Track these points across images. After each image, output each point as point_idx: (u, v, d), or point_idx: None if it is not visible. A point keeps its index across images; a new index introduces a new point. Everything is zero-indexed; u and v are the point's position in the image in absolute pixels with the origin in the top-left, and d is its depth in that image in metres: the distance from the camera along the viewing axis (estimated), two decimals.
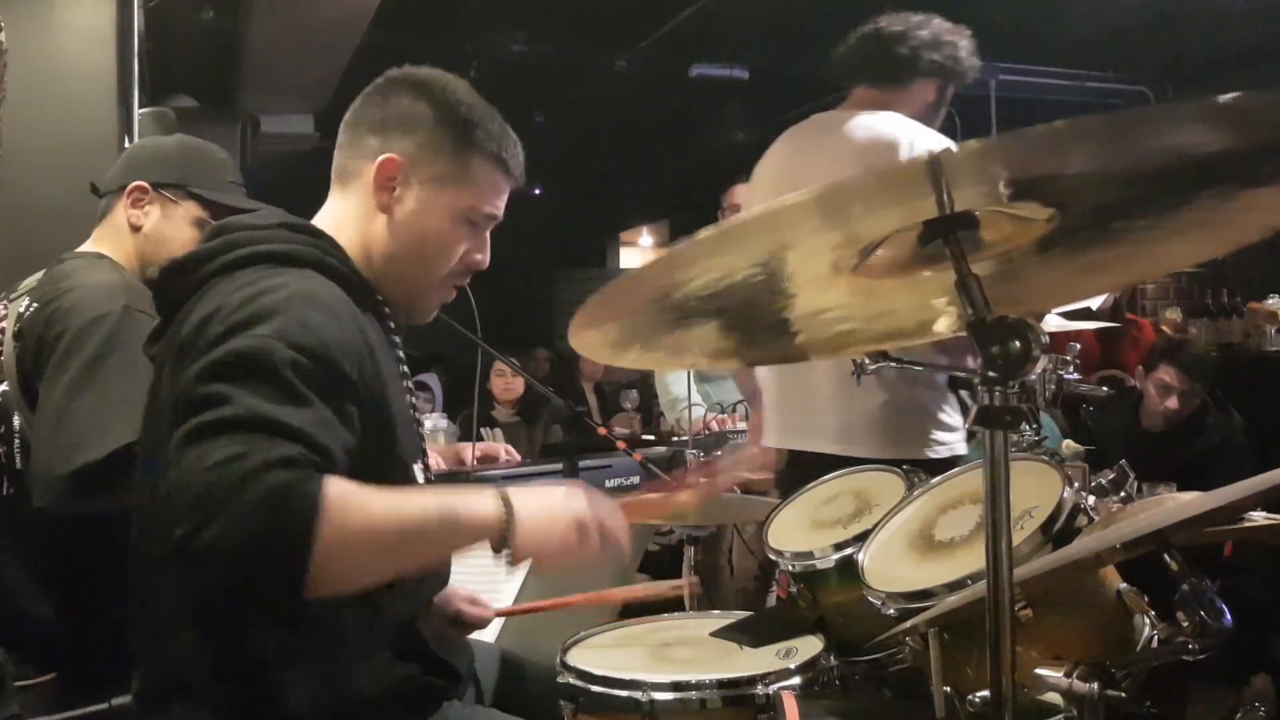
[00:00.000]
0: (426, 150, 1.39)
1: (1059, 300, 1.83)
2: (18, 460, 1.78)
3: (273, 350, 1.12)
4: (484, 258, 1.46)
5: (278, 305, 1.17)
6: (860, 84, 2.47)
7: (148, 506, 1.25)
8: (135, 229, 1.93)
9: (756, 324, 1.20)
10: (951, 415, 2.40)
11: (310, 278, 1.27)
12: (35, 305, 1.80)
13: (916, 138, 2.29)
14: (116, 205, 1.95)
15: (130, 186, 1.93)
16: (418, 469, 1.39)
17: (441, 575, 1.51)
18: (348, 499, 1.07)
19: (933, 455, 2.32)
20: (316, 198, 1.49)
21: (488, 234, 1.47)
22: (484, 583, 2.05)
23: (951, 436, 2.38)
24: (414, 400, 1.47)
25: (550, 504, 1.24)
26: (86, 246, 1.95)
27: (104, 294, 1.76)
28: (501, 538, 1.19)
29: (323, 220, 1.43)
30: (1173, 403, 3.56)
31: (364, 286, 1.37)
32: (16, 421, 1.79)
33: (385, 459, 1.29)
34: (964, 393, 2.29)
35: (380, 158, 1.38)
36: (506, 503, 1.20)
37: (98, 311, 1.72)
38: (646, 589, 1.80)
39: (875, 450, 2.30)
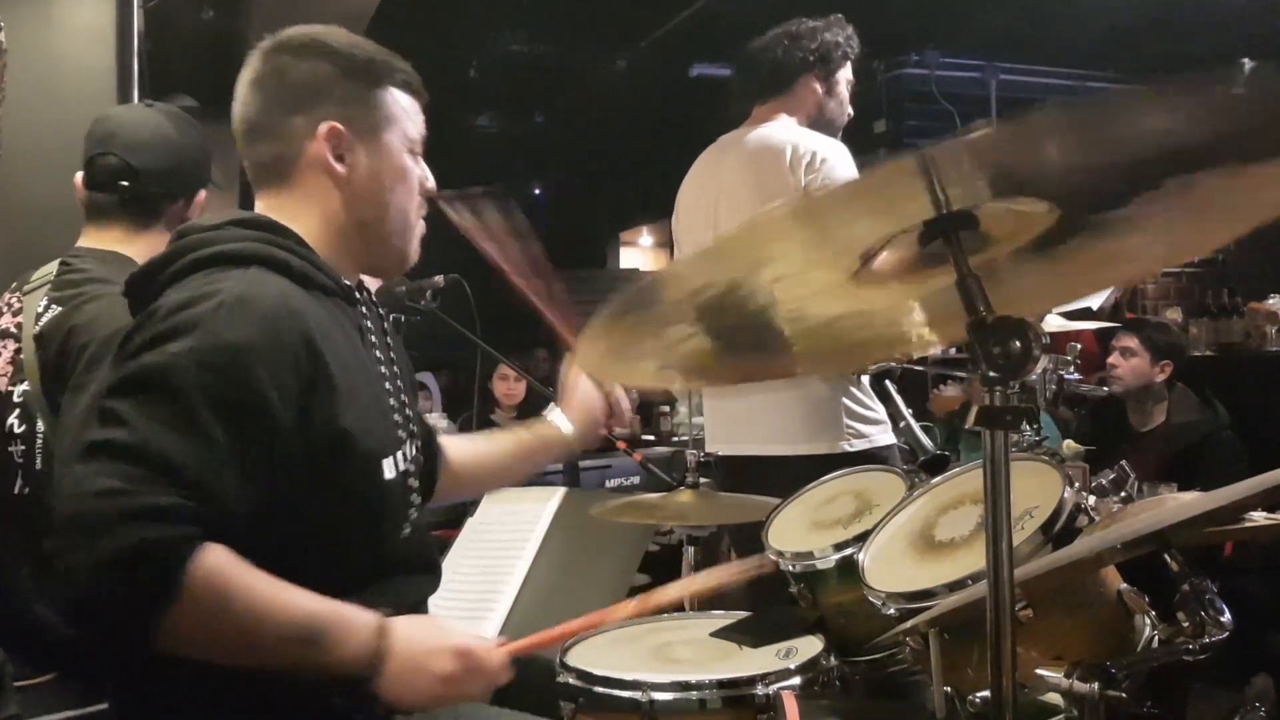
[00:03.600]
0: (351, 105, 1.37)
1: (1069, 294, 1.84)
2: (38, 461, 1.78)
3: (180, 370, 1.12)
4: (431, 181, 1.46)
5: (201, 317, 1.16)
6: (755, 103, 2.65)
7: None
8: None
9: (759, 339, 1.20)
10: (869, 407, 2.45)
11: (253, 277, 1.23)
12: (56, 309, 1.79)
13: (800, 141, 2.46)
14: (170, 209, 1.91)
15: (203, 198, 1.93)
16: (388, 463, 1.32)
17: (434, 579, 1.50)
18: (214, 580, 1.08)
19: (848, 448, 2.40)
20: None
21: (421, 157, 1.45)
22: (476, 596, 2.05)
23: (870, 428, 2.45)
24: (399, 385, 1.42)
25: (426, 654, 1.21)
26: (105, 244, 1.89)
27: (125, 305, 1.74)
28: (364, 680, 1.17)
29: (272, 216, 1.37)
30: (1137, 363, 3.57)
31: (322, 273, 1.33)
32: (39, 423, 1.78)
33: (340, 459, 1.25)
34: (889, 382, 2.33)
35: (322, 128, 1.35)
36: (380, 651, 1.18)
37: (119, 325, 1.70)
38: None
39: (793, 447, 2.42)
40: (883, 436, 2.46)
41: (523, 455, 1.78)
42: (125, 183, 1.88)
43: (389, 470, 1.32)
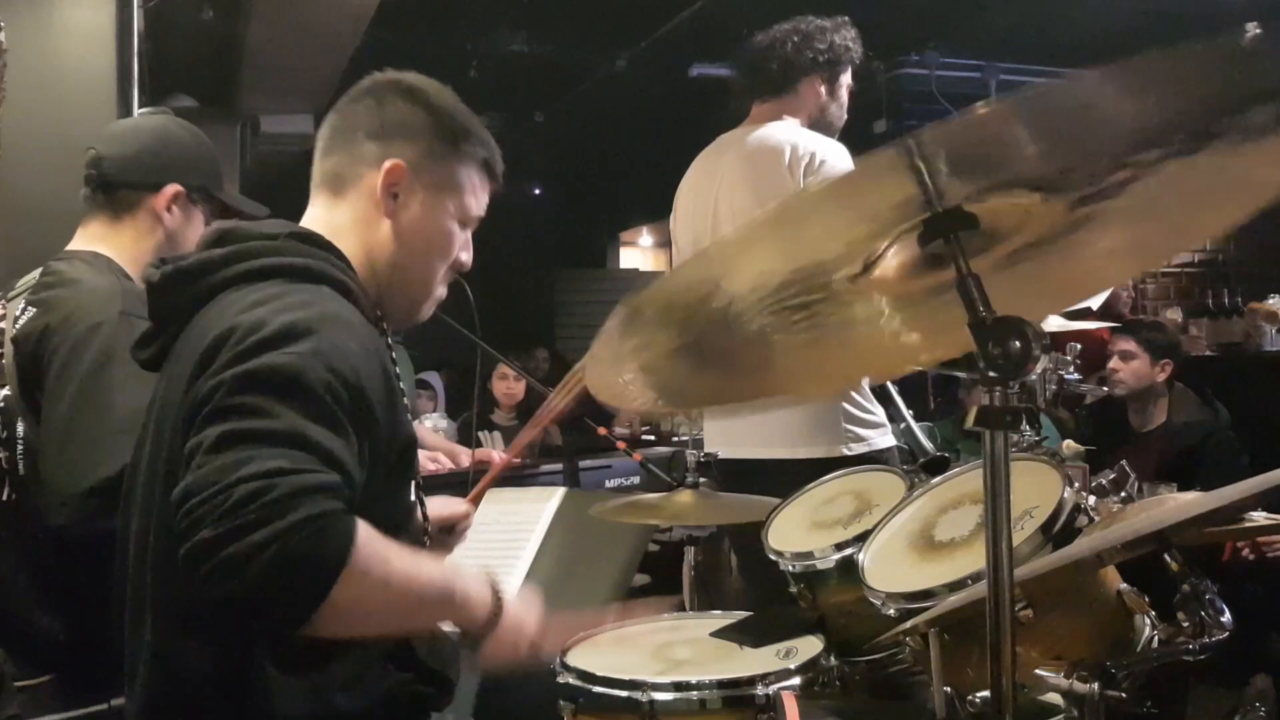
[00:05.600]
0: (427, 157, 1.40)
1: (1089, 290, 1.81)
2: (20, 466, 1.77)
3: (311, 369, 1.12)
4: (469, 257, 1.48)
5: (311, 323, 1.17)
6: (755, 100, 2.62)
7: (150, 524, 1.25)
8: (167, 231, 1.88)
9: (750, 358, 1.20)
10: (868, 410, 2.44)
11: (329, 296, 1.26)
12: (31, 310, 1.78)
13: (799, 141, 2.44)
14: (145, 203, 1.87)
15: (172, 191, 1.88)
16: (413, 486, 1.40)
17: None
18: (375, 547, 1.09)
19: (848, 452, 2.39)
20: None
21: (469, 235, 1.48)
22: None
23: (869, 432, 2.44)
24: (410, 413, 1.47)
25: (525, 622, 1.31)
26: (86, 242, 1.89)
27: (99, 300, 1.72)
28: (480, 635, 1.25)
29: (316, 228, 1.39)
30: (1138, 365, 3.58)
31: (367, 301, 1.36)
32: (20, 428, 1.77)
33: (396, 483, 1.31)
34: (890, 383, 2.32)
35: (387, 163, 1.38)
36: (497, 610, 1.26)
37: (93, 320, 1.69)
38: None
39: (792, 450, 2.41)
40: (882, 440, 2.45)
41: None
42: (94, 171, 1.88)
43: (413, 493, 1.39)
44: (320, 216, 1.42)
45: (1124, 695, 1.14)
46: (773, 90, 2.58)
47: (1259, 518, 1.39)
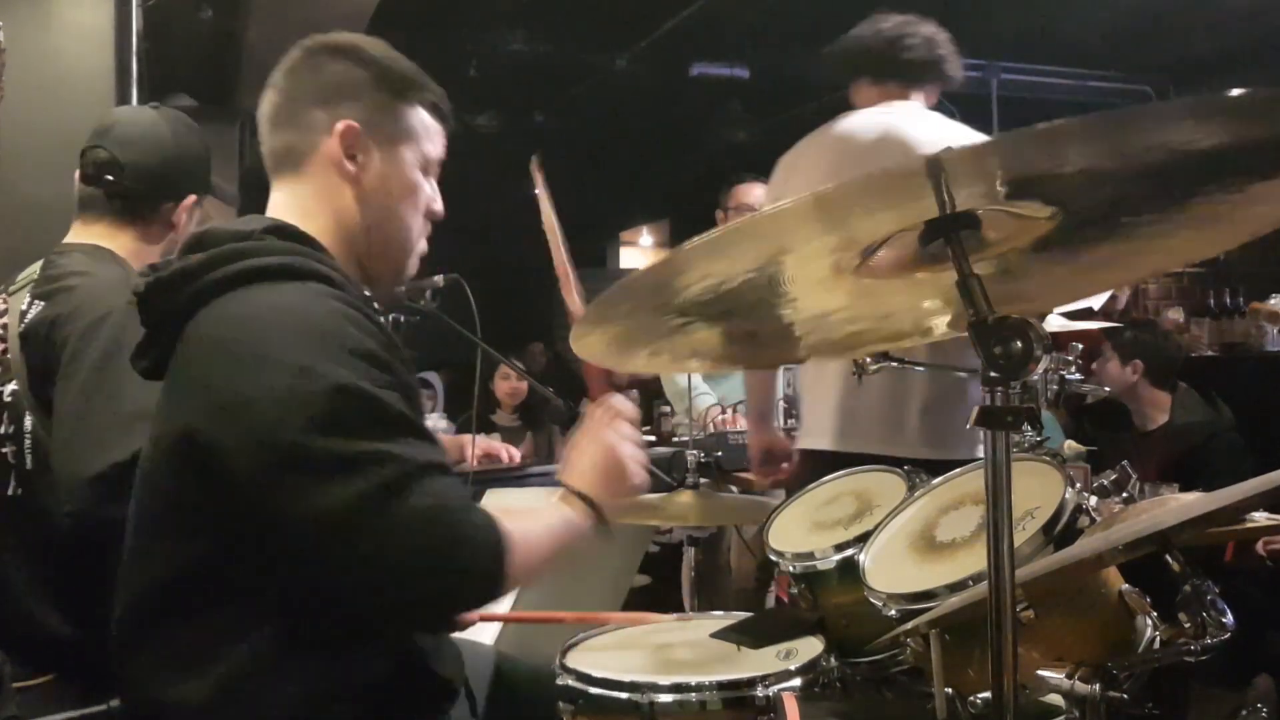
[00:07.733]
0: (375, 112, 1.38)
1: (1066, 297, 1.83)
2: (28, 461, 1.77)
3: (376, 394, 1.17)
4: (440, 206, 1.47)
5: (332, 331, 1.18)
6: (884, 81, 2.66)
7: (145, 522, 1.28)
8: (181, 235, 1.89)
9: (761, 327, 1.20)
10: None
11: (318, 290, 1.23)
12: (39, 304, 1.78)
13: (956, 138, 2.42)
14: (162, 211, 1.90)
15: (191, 201, 1.92)
16: None
17: None
18: (515, 533, 1.22)
19: (979, 456, 2.30)
20: None
21: (435, 184, 1.47)
22: None
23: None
24: None
25: (605, 464, 1.38)
26: (87, 237, 1.88)
27: (108, 290, 1.73)
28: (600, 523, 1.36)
29: (285, 212, 1.37)
30: (1111, 367, 3.59)
31: (351, 285, 1.33)
32: (28, 422, 1.77)
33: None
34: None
35: (339, 126, 1.35)
36: (586, 500, 1.35)
37: (101, 310, 1.70)
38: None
39: (919, 451, 2.31)
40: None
41: None
42: (110, 177, 1.87)
43: None
44: (285, 200, 1.38)
45: (1125, 696, 1.13)
46: (913, 79, 2.67)
47: (1261, 518, 1.38)
